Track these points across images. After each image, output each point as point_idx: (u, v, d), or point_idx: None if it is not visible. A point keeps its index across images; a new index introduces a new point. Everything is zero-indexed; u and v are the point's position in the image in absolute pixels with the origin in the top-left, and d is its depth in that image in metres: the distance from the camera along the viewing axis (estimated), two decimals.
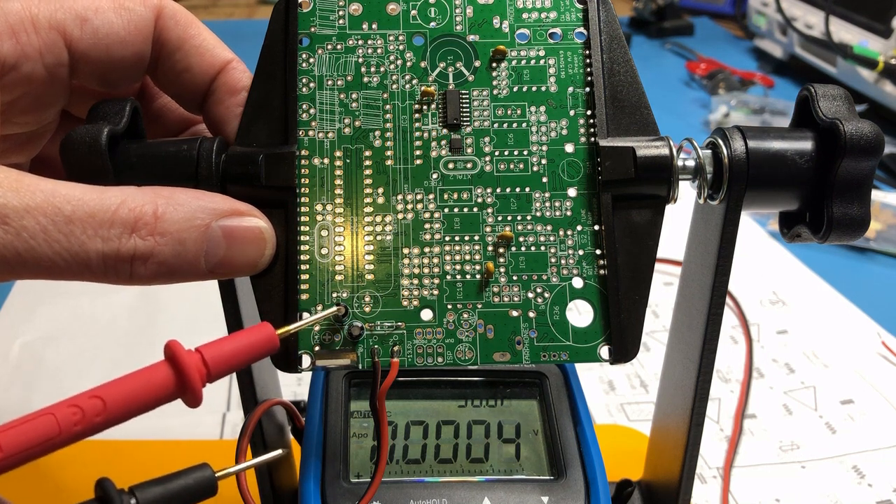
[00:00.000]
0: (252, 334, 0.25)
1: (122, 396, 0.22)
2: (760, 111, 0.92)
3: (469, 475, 0.32)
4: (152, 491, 0.22)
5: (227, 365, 0.24)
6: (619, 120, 0.30)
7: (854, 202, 0.29)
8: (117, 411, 0.22)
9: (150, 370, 0.23)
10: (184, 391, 0.23)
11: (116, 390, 0.22)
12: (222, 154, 0.29)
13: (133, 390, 0.23)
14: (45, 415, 0.21)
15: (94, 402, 0.22)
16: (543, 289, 0.29)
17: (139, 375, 0.23)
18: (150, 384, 0.23)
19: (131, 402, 0.23)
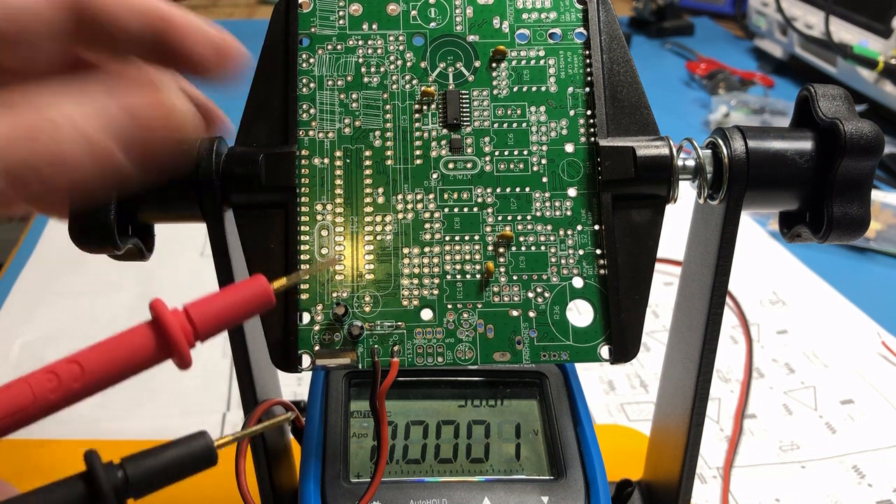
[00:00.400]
0: (244, 288, 0.23)
1: (101, 360, 0.21)
2: (760, 111, 0.92)
3: (469, 475, 0.32)
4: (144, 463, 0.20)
5: (216, 322, 0.22)
6: (619, 120, 0.30)
7: (854, 202, 0.29)
8: (96, 377, 0.21)
9: (131, 332, 0.22)
10: (169, 352, 0.22)
11: (95, 354, 0.21)
12: (222, 154, 0.29)
13: (113, 353, 0.21)
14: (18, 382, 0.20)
15: (71, 367, 0.20)
16: (543, 288, 0.29)
17: (120, 338, 0.21)
18: (131, 346, 0.21)
19: (111, 366, 0.21)
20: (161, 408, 0.52)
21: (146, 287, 0.64)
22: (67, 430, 0.50)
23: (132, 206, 0.29)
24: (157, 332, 0.22)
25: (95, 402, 0.49)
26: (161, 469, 0.21)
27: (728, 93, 0.98)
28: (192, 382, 0.54)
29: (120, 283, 0.65)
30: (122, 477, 0.20)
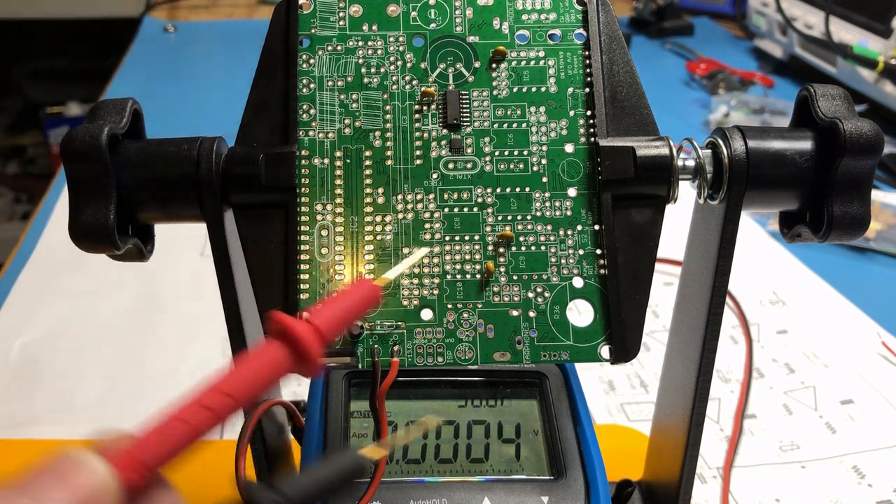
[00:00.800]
0: (355, 292, 0.25)
1: (246, 387, 0.22)
2: (760, 111, 0.92)
3: (469, 475, 0.32)
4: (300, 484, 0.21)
5: (338, 327, 0.24)
6: (618, 120, 0.30)
7: (854, 201, 0.29)
8: (244, 400, 0.22)
9: (265, 351, 0.22)
10: (302, 363, 0.22)
11: (240, 381, 0.22)
12: (222, 154, 0.29)
13: (255, 376, 0.22)
14: (176, 422, 0.21)
15: (224, 400, 0.21)
16: (544, 288, 0.29)
17: (257, 359, 0.22)
18: (269, 365, 0.22)
19: (256, 387, 0.22)
20: (161, 407, 0.52)
21: (146, 287, 0.64)
22: (67, 430, 0.50)
23: (132, 206, 0.29)
24: (290, 345, 0.22)
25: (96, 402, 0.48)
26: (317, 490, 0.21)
27: (728, 93, 0.98)
28: (191, 382, 0.54)
29: (120, 283, 0.65)
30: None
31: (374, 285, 0.25)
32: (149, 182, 0.29)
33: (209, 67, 1.16)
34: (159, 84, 1.06)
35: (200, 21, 1.31)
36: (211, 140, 0.29)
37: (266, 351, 0.22)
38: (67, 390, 0.54)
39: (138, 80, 1.08)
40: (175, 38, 1.24)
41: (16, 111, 1.84)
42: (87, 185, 0.28)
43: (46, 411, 0.52)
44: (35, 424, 0.51)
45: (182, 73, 1.11)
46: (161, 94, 1.01)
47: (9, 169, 1.78)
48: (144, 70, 1.12)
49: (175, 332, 0.59)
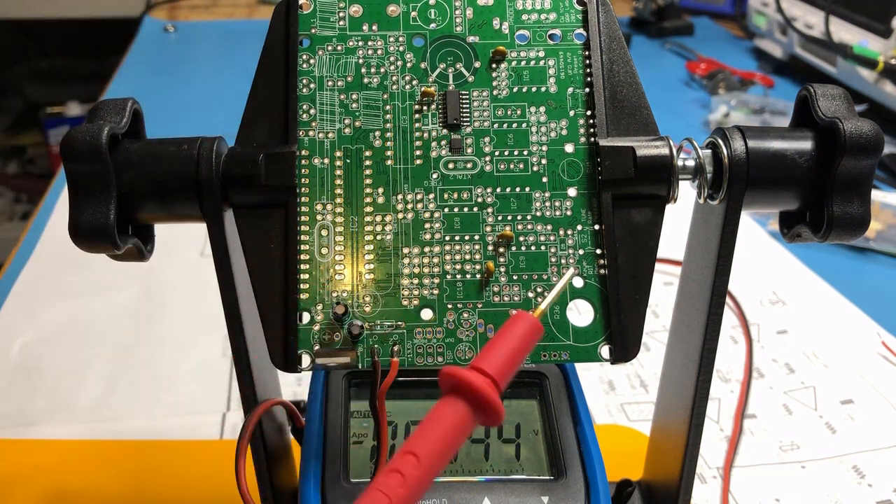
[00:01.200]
0: (516, 329, 0.24)
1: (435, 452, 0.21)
2: (760, 111, 0.92)
3: (469, 475, 0.32)
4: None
5: (509, 371, 0.23)
6: (618, 120, 0.30)
7: (854, 201, 0.29)
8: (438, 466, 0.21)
9: (448, 410, 0.22)
10: (485, 413, 0.22)
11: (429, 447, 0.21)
12: (222, 154, 0.29)
13: (442, 439, 0.21)
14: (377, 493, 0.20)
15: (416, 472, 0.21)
16: (544, 288, 0.29)
17: (442, 420, 0.22)
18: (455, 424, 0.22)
19: (447, 451, 0.22)
20: (161, 408, 0.52)
21: (146, 287, 0.64)
22: (67, 430, 0.50)
23: (132, 206, 0.29)
24: (471, 401, 0.22)
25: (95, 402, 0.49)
26: None
27: (728, 93, 0.98)
28: (192, 383, 0.54)
29: (120, 283, 0.65)
30: None
31: (535, 321, 0.24)
32: (149, 182, 0.29)
33: (209, 67, 1.16)
34: (159, 84, 1.06)
35: (200, 21, 1.31)
36: (211, 140, 0.29)
37: (450, 409, 0.22)
38: (67, 390, 0.54)
39: (138, 80, 1.08)
40: (175, 38, 1.24)
41: (16, 111, 1.84)
42: (87, 185, 0.28)
43: (46, 411, 0.52)
44: (35, 424, 0.51)
45: (182, 73, 1.11)
46: (161, 95, 1.01)
47: (9, 169, 1.78)
48: (144, 70, 1.12)
49: (175, 332, 0.59)
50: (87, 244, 0.28)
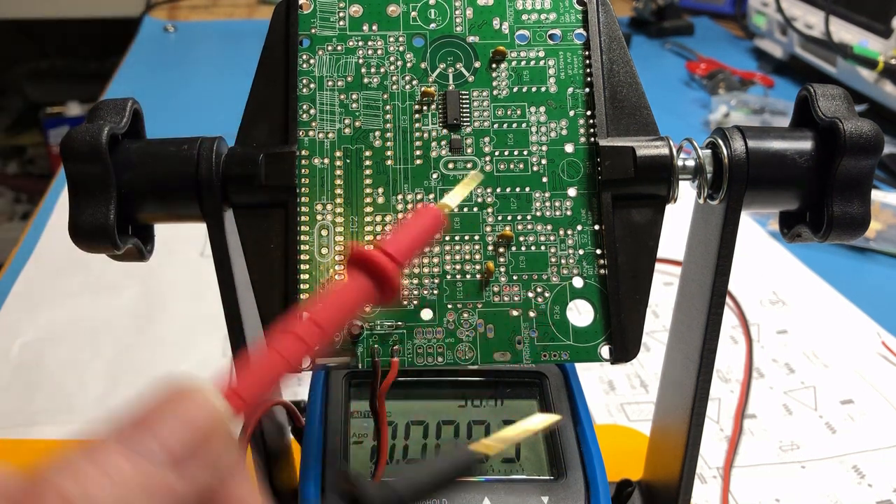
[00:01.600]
0: (421, 218, 0.25)
1: (335, 316, 0.22)
2: (760, 111, 0.92)
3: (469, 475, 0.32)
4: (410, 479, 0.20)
5: (411, 252, 0.25)
6: (618, 120, 0.30)
7: (854, 201, 0.29)
8: (332, 331, 0.22)
9: (350, 283, 0.23)
10: (383, 290, 0.23)
11: (329, 312, 0.22)
12: (222, 154, 0.29)
13: (343, 306, 0.23)
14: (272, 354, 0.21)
15: (313, 330, 0.22)
16: (544, 288, 0.29)
17: (344, 291, 0.23)
18: (353, 294, 0.23)
19: (343, 317, 0.23)
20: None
21: (146, 287, 0.64)
22: (67, 430, 0.50)
23: (132, 206, 0.29)
24: (371, 274, 0.23)
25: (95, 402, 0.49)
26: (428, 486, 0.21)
27: (728, 93, 0.98)
28: None
29: (120, 284, 0.65)
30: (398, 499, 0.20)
31: (438, 211, 0.25)
32: (149, 182, 0.29)
33: (209, 67, 1.16)
34: (159, 84, 1.06)
35: (200, 21, 1.31)
36: (211, 140, 0.29)
37: (351, 282, 0.24)
38: (67, 390, 0.54)
39: (138, 80, 1.08)
40: (175, 38, 1.24)
41: (16, 111, 1.84)
42: (87, 185, 0.28)
43: (46, 411, 0.52)
44: (35, 424, 0.51)
45: (182, 73, 1.11)
46: (161, 95, 1.01)
47: (9, 169, 1.78)
48: (144, 70, 1.12)
49: (175, 332, 0.59)
50: (87, 244, 0.28)
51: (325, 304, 0.23)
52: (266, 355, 0.21)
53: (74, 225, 0.28)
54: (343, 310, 0.23)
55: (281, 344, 0.21)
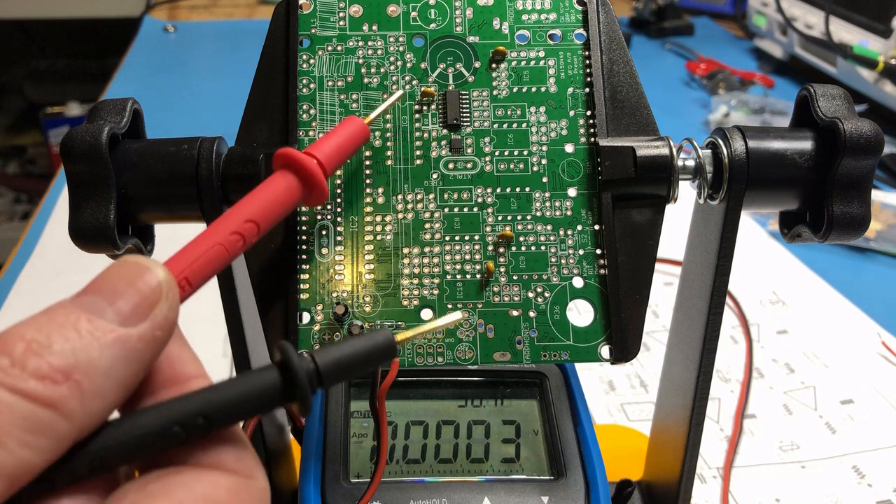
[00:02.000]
0: (346, 128, 0.28)
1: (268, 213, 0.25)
2: (760, 111, 0.92)
3: (469, 475, 0.32)
4: (332, 354, 0.21)
5: (337, 158, 0.27)
6: (618, 120, 0.30)
7: (854, 201, 0.29)
8: (266, 227, 0.25)
9: (274, 181, 0.25)
10: (310, 189, 0.26)
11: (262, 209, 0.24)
12: (222, 154, 0.29)
13: (273, 203, 0.25)
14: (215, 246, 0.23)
15: (250, 227, 0.24)
16: (544, 288, 0.29)
17: (269, 189, 0.25)
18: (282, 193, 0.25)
19: (274, 215, 0.25)
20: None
21: None
22: None
23: (132, 206, 0.29)
24: (297, 173, 0.26)
25: None
26: (347, 360, 0.21)
27: (728, 93, 0.98)
28: None
29: None
30: (313, 367, 0.21)
31: (362, 121, 0.28)
32: (149, 182, 0.29)
33: (209, 67, 1.16)
34: (159, 84, 1.06)
35: (200, 21, 1.31)
36: (211, 140, 0.29)
37: (277, 180, 0.25)
38: None
39: (138, 80, 1.08)
40: (175, 38, 1.24)
41: (16, 111, 1.84)
42: (87, 185, 0.28)
43: None
44: None
45: (182, 73, 1.11)
46: (161, 95, 1.01)
47: (9, 169, 1.78)
48: (144, 70, 1.12)
49: None
50: (87, 244, 0.28)
51: (256, 199, 0.25)
52: (207, 245, 0.23)
53: (74, 225, 0.28)
54: (274, 205, 0.25)
55: (219, 236, 0.23)
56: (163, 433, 0.19)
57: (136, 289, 0.19)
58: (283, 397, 0.20)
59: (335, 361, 0.21)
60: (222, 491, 0.19)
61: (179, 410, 0.19)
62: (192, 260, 0.22)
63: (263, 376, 0.20)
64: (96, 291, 0.19)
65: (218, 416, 0.19)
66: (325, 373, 0.21)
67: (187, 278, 0.22)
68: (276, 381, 0.20)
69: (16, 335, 0.18)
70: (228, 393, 0.20)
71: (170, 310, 0.20)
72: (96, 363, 0.18)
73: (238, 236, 0.24)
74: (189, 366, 0.21)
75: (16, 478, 0.17)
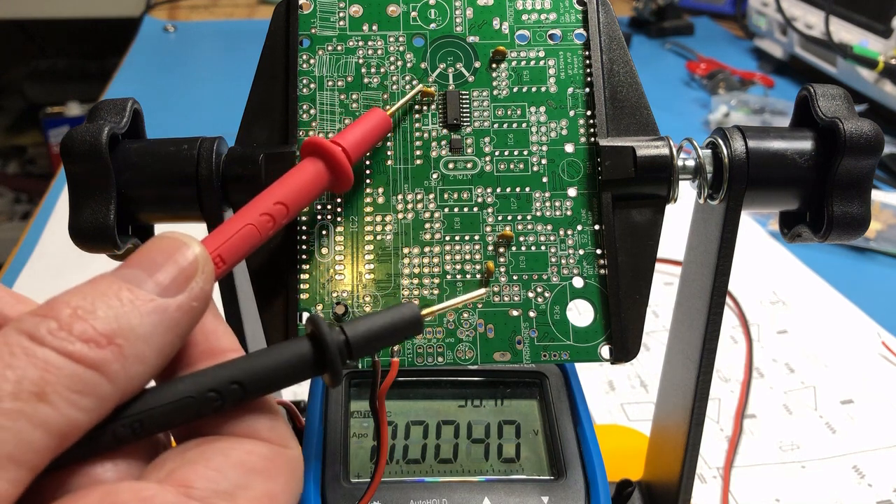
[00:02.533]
0: (370, 119, 0.29)
1: (297, 197, 0.26)
2: (760, 111, 0.92)
3: (469, 475, 0.32)
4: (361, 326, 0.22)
5: (361, 147, 0.28)
6: (619, 120, 0.30)
7: (854, 201, 0.29)
8: (295, 210, 0.26)
9: (304, 168, 0.27)
10: (337, 176, 0.27)
11: (291, 192, 0.26)
12: (222, 154, 0.29)
13: (302, 187, 0.26)
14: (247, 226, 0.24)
15: (279, 208, 0.25)
16: (544, 288, 0.29)
17: (299, 174, 0.26)
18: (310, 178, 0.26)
19: (303, 198, 0.26)
20: None
21: None
22: None
23: (132, 206, 0.29)
24: (325, 161, 0.27)
25: None
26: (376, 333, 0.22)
27: (728, 93, 0.98)
28: None
29: None
30: (343, 339, 0.21)
31: (384, 113, 0.29)
32: (149, 182, 0.29)
33: (209, 67, 1.16)
34: (159, 84, 1.06)
35: (200, 21, 1.31)
36: (211, 140, 0.29)
37: (306, 166, 0.27)
38: None
39: (138, 80, 1.08)
40: (175, 38, 1.24)
41: (16, 111, 1.84)
42: (87, 185, 0.28)
43: None
44: None
45: (182, 73, 1.11)
46: (161, 95, 1.01)
47: (9, 169, 1.78)
48: (144, 70, 1.12)
49: None
50: (87, 244, 0.28)
51: (287, 185, 0.26)
52: (239, 225, 0.24)
53: (74, 225, 0.28)
54: (302, 189, 0.26)
55: (252, 217, 0.24)
56: (199, 398, 0.20)
57: (175, 262, 0.20)
58: (314, 368, 0.21)
59: (364, 334, 0.22)
60: (256, 458, 0.20)
61: (214, 377, 0.20)
62: (225, 238, 0.24)
63: (296, 347, 0.21)
64: (137, 265, 0.20)
65: (251, 384, 0.20)
66: (354, 345, 0.21)
67: (221, 255, 0.23)
68: (308, 352, 0.21)
69: (62, 301, 0.19)
70: (262, 362, 0.20)
71: (206, 282, 0.21)
72: (137, 329, 0.19)
73: (268, 217, 0.25)
74: (224, 340, 0.22)
75: (64, 436, 0.17)
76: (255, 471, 0.19)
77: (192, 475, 0.19)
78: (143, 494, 0.18)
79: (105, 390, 0.18)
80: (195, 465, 0.19)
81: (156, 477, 0.19)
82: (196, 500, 0.18)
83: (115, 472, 0.19)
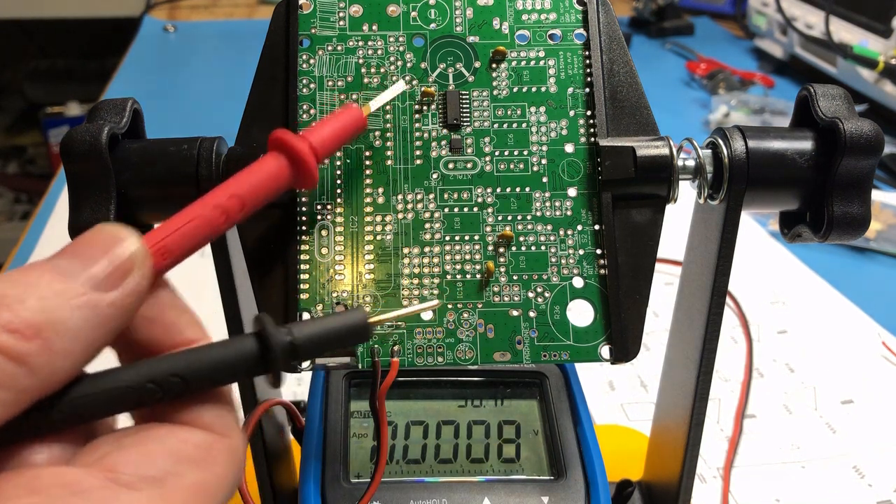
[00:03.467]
0: (343, 115, 0.28)
1: (254, 192, 0.24)
2: (760, 111, 0.92)
3: (469, 475, 0.32)
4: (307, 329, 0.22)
5: (332, 144, 0.27)
6: (619, 120, 0.30)
7: (854, 201, 0.29)
8: (251, 205, 0.24)
9: (264, 160, 0.25)
10: (300, 172, 0.26)
11: (248, 187, 0.24)
12: (222, 154, 0.29)
13: (260, 182, 0.25)
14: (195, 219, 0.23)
15: (233, 202, 0.24)
16: (544, 288, 0.29)
17: (257, 167, 0.25)
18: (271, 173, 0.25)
19: (260, 194, 0.25)
20: None
21: None
22: None
23: (132, 206, 0.29)
24: (288, 156, 0.25)
25: None
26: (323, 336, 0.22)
27: (728, 93, 0.98)
28: None
29: None
30: (289, 340, 0.21)
31: (360, 110, 0.28)
32: (149, 182, 0.29)
33: (209, 67, 1.16)
34: (159, 84, 1.06)
35: (200, 21, 1.31)
36: (211, 140, 0.29)
37: (267, 161, 0.25)
38: None
39: (138, 80, 1.08)
40: (175, 38, 1.24)
41: (16, 111, 1.84)
42: (87, 185, 0.28)
43: None
44: None
45: (182, 73, 1.11)
46: (161, 94, 1.01)
47: (9, 169, 1.78)
48: (144, 70, 1.12)
49: None
50: None
51: (243, 179, 0.24)
52: (187, 218, 0.23)
53: (74, 225, 0.28)
54: (260, 183, 0.25)
55: (203, 210, 0.23)
56: (137, 389, 0.20)
57: (111, 256, 0.20)
58: (258, 367, 0.21)
59: (310, 336, 0.21)
60: (192, 447, 0.20)
61: (155, 369, 0.20)
62: (172, 230, 0.23)
63: (240, 344, 0.21)
64: (73, 255, 0.19)
65: (193, 377, 0.20)
66: (300, 346, 0.21)
67: (165, 249, 0.22)
68: (254, 350, 0.21)
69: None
70: (205, 356, 0.20)
71: (142, 279, 0.20)
72: (66, 323, 0.18)
73: (220, 211, 0.23)
74: (189, 331, 0.22)
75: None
76: (189, 459, 0.19)
77: (121, 460, 0.18)
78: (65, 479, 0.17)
79: (24, 383, 0.18)
80: (127, 451, 0.19)
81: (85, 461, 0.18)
82: (122, 486, 0.18)
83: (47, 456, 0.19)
